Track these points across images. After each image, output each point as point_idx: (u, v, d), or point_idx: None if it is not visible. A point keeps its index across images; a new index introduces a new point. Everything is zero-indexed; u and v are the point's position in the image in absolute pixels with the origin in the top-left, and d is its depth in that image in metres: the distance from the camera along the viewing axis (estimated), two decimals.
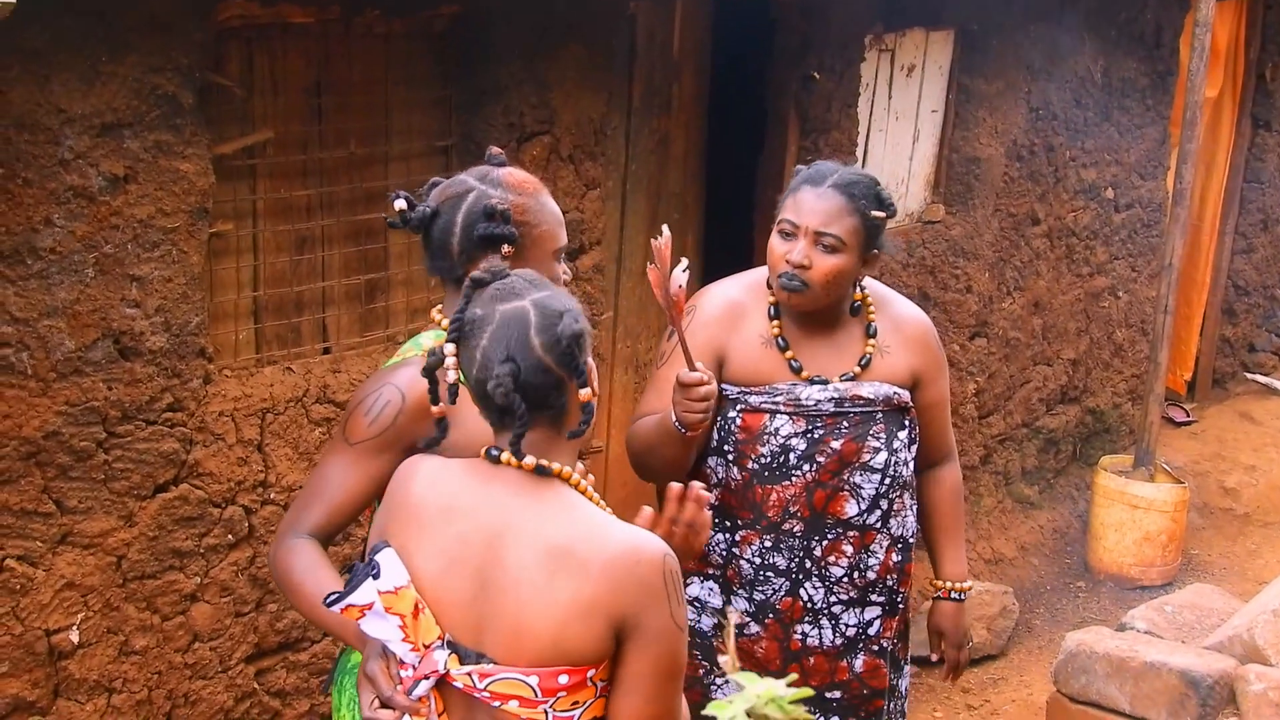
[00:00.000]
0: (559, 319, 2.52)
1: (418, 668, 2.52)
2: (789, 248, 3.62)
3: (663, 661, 2.51)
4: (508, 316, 2.52)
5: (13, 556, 3.64)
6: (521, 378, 2.48)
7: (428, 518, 2.57)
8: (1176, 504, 7.67)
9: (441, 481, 2.61)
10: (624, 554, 2.49)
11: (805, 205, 3.62)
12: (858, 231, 3.61)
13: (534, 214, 3.09)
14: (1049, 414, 8.32)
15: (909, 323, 3.89)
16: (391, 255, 4.65)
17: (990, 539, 7.77)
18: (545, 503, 2.54)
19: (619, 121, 5.32)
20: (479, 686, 2.50)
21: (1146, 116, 8.52)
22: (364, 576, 2.51)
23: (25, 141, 3.44)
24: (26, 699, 3.73)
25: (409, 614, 2.51)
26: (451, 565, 2.53)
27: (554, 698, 2.49)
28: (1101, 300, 8.56)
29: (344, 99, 4.38)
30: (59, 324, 3.58)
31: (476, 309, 2.56)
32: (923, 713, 6.34)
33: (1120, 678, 4.76)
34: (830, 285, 3.63)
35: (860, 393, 3.72)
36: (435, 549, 2.54)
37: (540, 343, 2.50)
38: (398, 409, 2.93)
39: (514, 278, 2.61)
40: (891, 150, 6.77)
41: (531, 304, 2.54)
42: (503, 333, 2.51)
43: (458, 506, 2.56)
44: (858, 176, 3.68)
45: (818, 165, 3.75)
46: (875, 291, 3.88)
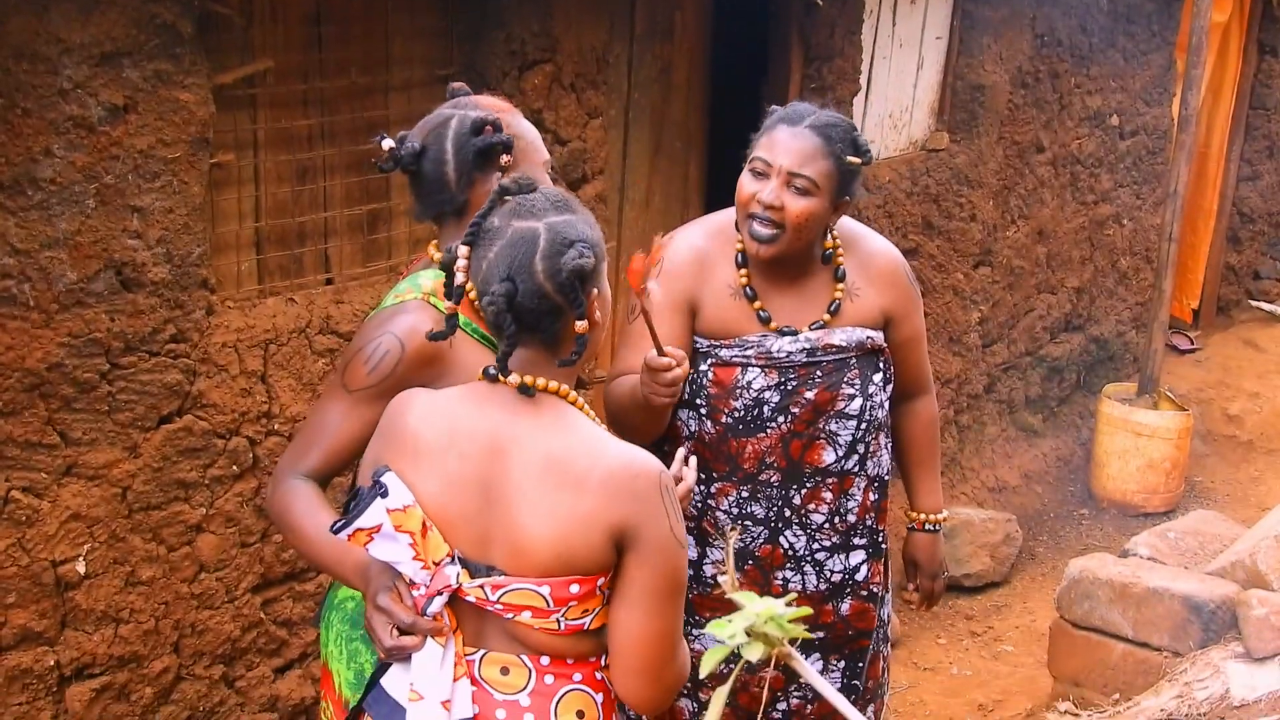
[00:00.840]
0: (566, 248, 2.50)
1: (429, 585, 2.55)
2: (760, 187, 3.49)
3: (662, 575, 2.53)
4: (518, 235, 2.52)
5: (18, 488, 3.65)
6: (517, 299, 2.48)
7: (425, 446, 2.57)
8: (1180, 431, 7.68)
9: (438, 411, 2.61)
10: (621, 467, 2.52)
11: (780, 144, 3.49)
12: (831, 176, 3.48)
13: (517, 127, 3.11)
14: (1053, 342, 8.32)
15: (877, 259, 3.75)
16: (393, 186, 4.63)
17: (994, 467, 7.79)
18: (544, 417, 2.56)
19: (621, 49, 5.29)
20: (492, 599, 2.53)
21: (1152, 43, 8.46)
22: (370, 499, 2.52)
23: (24, 71, 3.42)
24: (34, 629, 3.75)
25: (418, 532, 2.53)
26: (454, 482, 2.55)
27: (565, 607, 2.52)
28: (1106, 228, 8.54)
29: (344, 27, 4.35)
30: (60, 255, 3.58)
31: (494, 219, 2.56)
32: (926, 640, 6.38)
33: (1123, 604, 4.78)
34: (801, 229, 3.49)
35: (832, 341, 3.62)
36: (436, 471, 2.55)
37: (542, 268, 2.49)
38: (397, 358, 2.90)
39: (540, 194, 2.60)
40: (895, 78, 6.73)
41: (545, 226, 2.53)
42: (509, 251, 2.50)
43: (456, 429, 2.57)
44: (835, 119, 3.55)
45: (795, 105, 3.62)
46: (844, 230, 3.74)
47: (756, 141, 3.57)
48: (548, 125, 4.85)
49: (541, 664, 2.60)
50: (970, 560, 6.76)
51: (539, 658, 2.60)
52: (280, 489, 2.92)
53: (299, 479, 2.92)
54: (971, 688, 5.98)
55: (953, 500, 7.33)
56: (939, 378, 7.24)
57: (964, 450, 7.63)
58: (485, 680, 2.60)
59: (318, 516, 2.84)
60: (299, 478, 2.92)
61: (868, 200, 6.45)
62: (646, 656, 2.56)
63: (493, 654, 2.60)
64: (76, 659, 3.86)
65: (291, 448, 2.99)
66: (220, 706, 4.26)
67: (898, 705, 5.78)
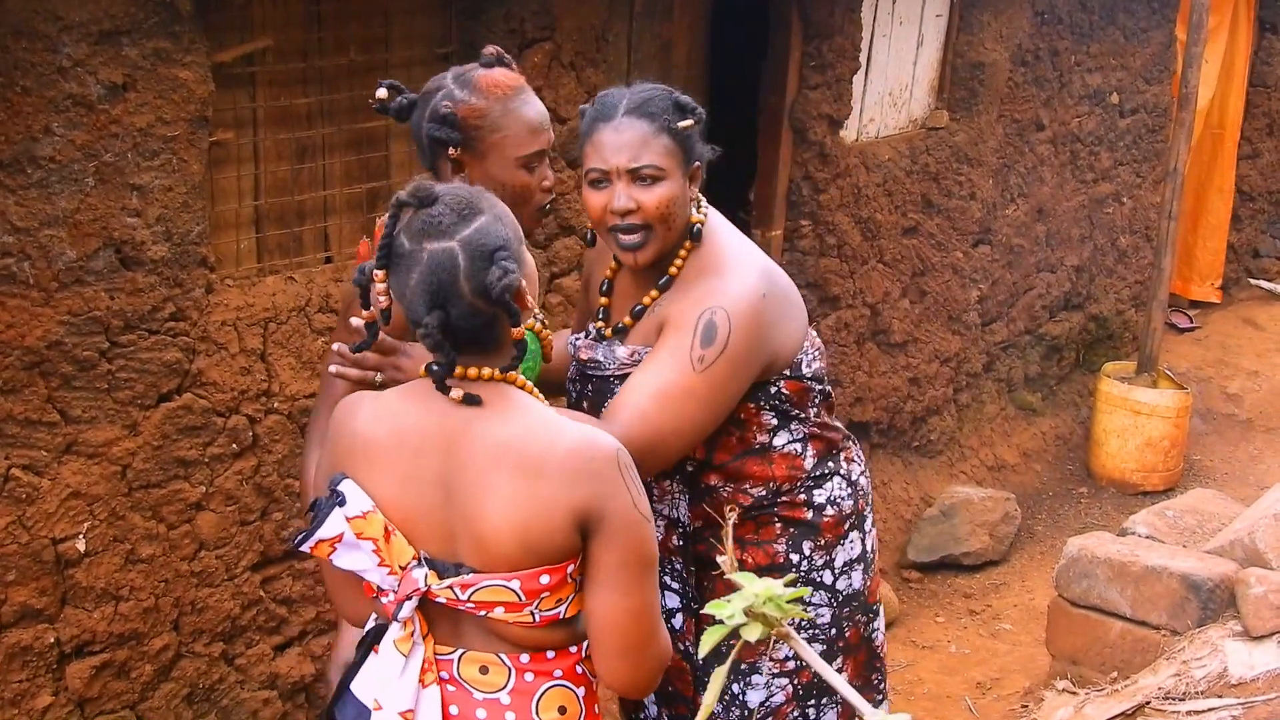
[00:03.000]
0: (488, 265, 2.43)
1: (398, 590, 2.51)
2: (606, 197, 3.13)
3: (631, 551, 2.50)
4: (435, 260, 2.43)
5: (18, 466, 3.65)
6: (451, 323, 2.44)
7: (378, 449, 2.54)
8: (1179, 410, 7.69)
9: (384, 413, 2.57)
10: (578, 448, 2.48)
11: (607, 145, 3.13)
12: (671, 151, 3.14)
13: (495, 119, 3.08)
14: (1052, 320, 8.32)
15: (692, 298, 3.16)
16: (393, 164, 4.62)
17: (993, 445, 7.80)
18: (494, 405, 2.51)
19: (620, 27, 5.28)
20: (462, 598, 2.50)
21: (1152, 20, 8.45)
22: (329, 508, 2.48)
23: (23, 49, 3.42)
24: (34, 607, 3.76)
25: (380, 538, 2.49)
26: (411, 482, 2.51)
27: (538, 599, 2.50)
28: (1105, 206, 8.53)
29: (344, 5, 4.34)
30: (60, 233, 3.58)
31: (404, 240, 2.47)
32: (925, 618, 6.40)
33: (1121, 582, 4.78)
34: (667, 219, 3.13)
35: (593, 354, 3.31)
36: (392, 473, 2.52)
37: (469, 288, 2.43)
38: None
39: (442, 206, 2.48)
40: (895, 55, 6.72)
41: (460, 245, 2.44)
42: (429, 278, 2.43)
43: (406, 427, 2.53)
44: (648, 93, 3.19)
45: (601, 98, 3.24)
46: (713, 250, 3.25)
47: (581, 152, 3.23)
48: (547, 103, 4.83)
49: (521, 662, 2.58)
50: (969, 539, 6.77)
51: (518, 655, 2.58)
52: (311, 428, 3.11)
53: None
54: (970, 666, 6.00)
55: (952, 479, 7.35)
56: (938, 356, 7.25)
57: (962, 429, 7.64)
58: (465, 680, 2.58)
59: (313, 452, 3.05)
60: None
61: (867, 179, 6.45)
62: (627, 636, 2.53)
63: (471, 653, 2.58)
64: (76, 636, 3.87)
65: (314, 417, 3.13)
66: (220, 684, 4.27)
67: (896, 683, 5.79)
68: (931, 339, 7.20)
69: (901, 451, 7.22)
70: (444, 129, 3.05)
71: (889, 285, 6.81)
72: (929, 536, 6.81)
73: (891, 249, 6.76)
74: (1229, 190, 9.67)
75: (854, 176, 6.40)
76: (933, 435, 7.36)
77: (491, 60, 3.17)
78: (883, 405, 6.95)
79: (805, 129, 6.09)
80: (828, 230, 6.33)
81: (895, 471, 7.15)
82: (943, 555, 6.77)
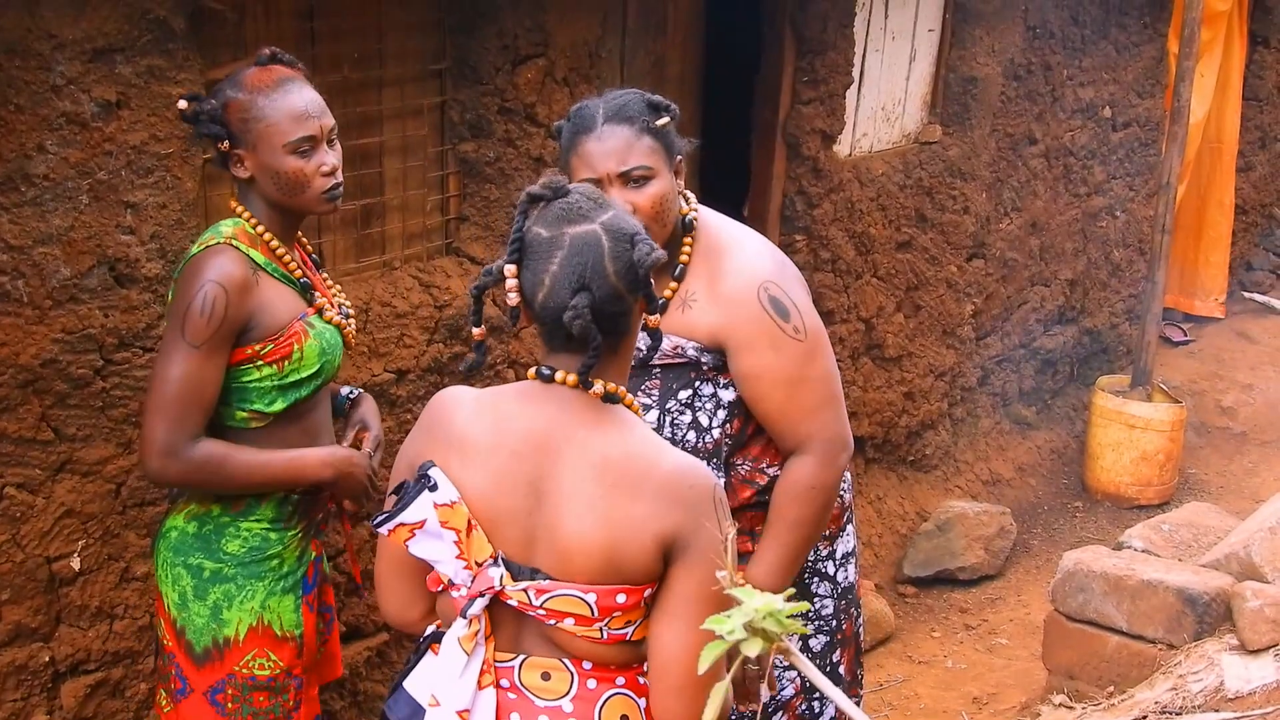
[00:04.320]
0: (631, 244, 2.47)
1: (471, 586, 2.50)
2: None
3: (705, 587, 2.46)
4: (579, 241, 2.46)
5: (12, 484, 3.64)
6: (597, 306, 2.44)
7: (474, 445, 2.53)
8: (1174, 423, 7.69)
9: (488, 409, 2.57)
10: (677, 474, 2.48)
11: (594, 154, 3.25)
12: (655, 150, 3.26)
13: (256, 110, 3.25)
14: (1046, 334, 8.32)
15: (729, 278, 3.36)
16: (387, 180, 4.62)
17: (988, 459, 7.80)
18: (601, 420, 2.51)
19: (614, 43, 5.28)
20: (535, 603, 2.49)
21: (1144, 34, 8.46)
22: (416, 492, 2.48)
23: (16, 67, 3.42)
24: (29, 625, 3.75)
25: (463, 530, 2.49)
26: (502, 481, 2.51)
27: (609, 616, 2.48)
28: (1099, 220, 8.54)
29: (337, 22, 4.34)
30: (54, 251, 3.57)
31: (540, 229, 2.49)
32: (920, 633, 6.39)
33: (1117, 596, 4.78)
34: (661, 215, 3.26)
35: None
36: (485, 468, 2.51)
37: (613, 269, 2.45)
38: (225, 301, 3.18)
39: (577, 195, 2.54)
40: (888, 70, 6.73)
41: (602, 227, 2.48)
42: (574, 259, 2.44)
43: (507, 427, 2.53)
44: (621, 99, 3.32)
45: (577, 112, 3.35)
46: (710, 235, 3.44)
47: (568, 164, 3.32)
48: (540, 120, 4.85)
49: (584, 668, 2.56)
50: (964, 553, 6.77)
51: (581, 662, 2.56)
52: (191, 455, 3.22)
53: (199, 440, 3.24)
54: (966, 681, 5.99)
55: (947, 494, 7.35)
56: (932, 370, 7.25)
57: (957, 443, 7.64)
58: (526, 686, 2.56)
59: (245, 449, 3.29)
60: (197, 440, 3.24)
61: (860, 193, 6.46)
62: (690, 673, 2.46)
63: (533, 659, 2.56)
64: (71, 655, 3.86)
65: (164, 416, 3.21)
66: None
67: (892, 699, 5.79)
68: (926, 353, 7.20)
69: (896, 466, 7.21)
70: (210, 125, 3.26)
71: (883, 300, 6.81)
72: (924, 551, 6.81)
73: (885, 263, 6.77)
74: (1229, 204, 9.67)
75: (847, 191, 6.40)
76: (928, 450, 7.36)
77: (264, 59, 3.35)
78: (877, 420, 6.95)
79: (799, 144, 6.09)
80: (821, 245, 6.33)
81: (890, 486, 7.14)
82: (938, 570, 6.77)
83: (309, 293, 3.42)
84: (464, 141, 4.75)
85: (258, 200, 3.35)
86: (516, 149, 4.80)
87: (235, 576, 3.38)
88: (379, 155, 4.57)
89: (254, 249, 3.30)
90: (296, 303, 3.38)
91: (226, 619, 3.37)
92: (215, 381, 3.24)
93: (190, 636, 3.39)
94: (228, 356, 3.25)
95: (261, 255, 3.30)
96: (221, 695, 3.40)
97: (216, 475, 3.27)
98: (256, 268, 3.28)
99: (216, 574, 3.38)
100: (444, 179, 4.83)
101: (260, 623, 3.39)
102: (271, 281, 3.31)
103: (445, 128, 4.77)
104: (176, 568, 3.40)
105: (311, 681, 3.61)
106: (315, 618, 3.56)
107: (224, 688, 3.39)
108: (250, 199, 3.36)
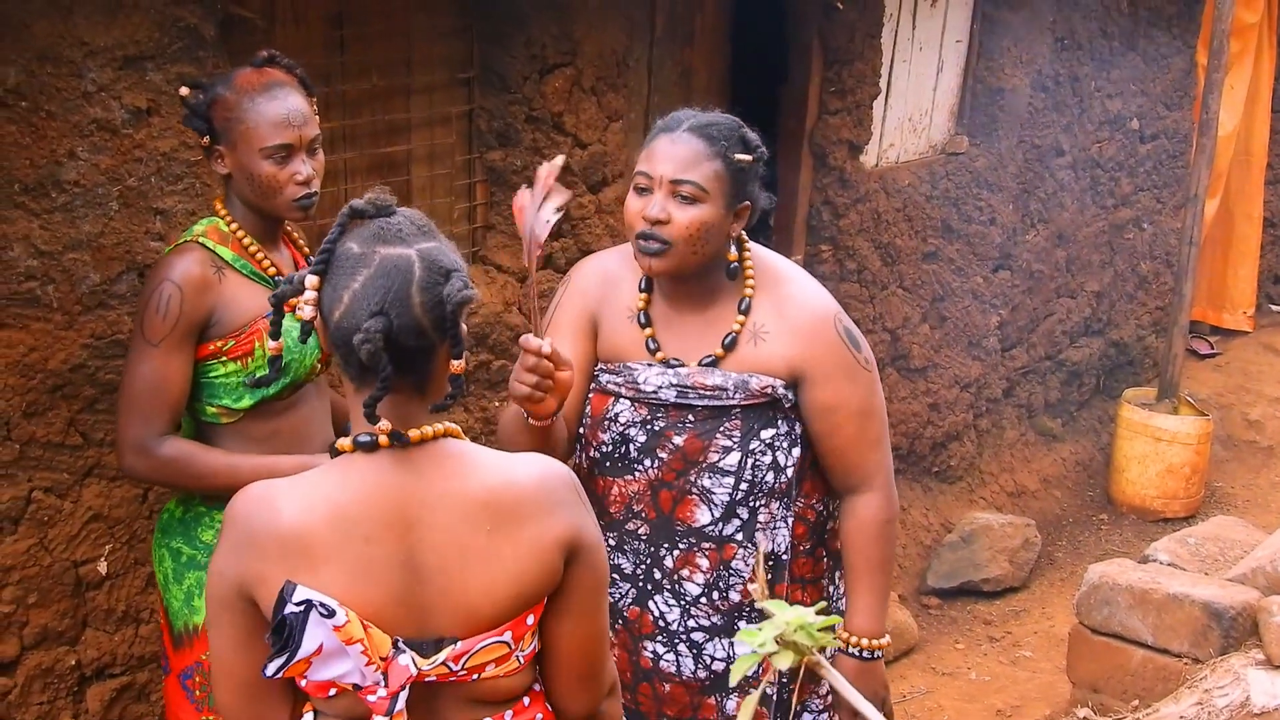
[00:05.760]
0: (445, 278, 2.26)
1: (387, 683, 2.28)
2: (645, 203, 3.14)
3: (599, 574, 2.43)
4: (389, 263, 2.24)
5: (40, 488, 3.66)
6: (393, 335, 2.21)
7: (317, 542, 2.26)
8: (1200, 436, 7.66)
9: (315, 499, 2.29)
10: (541, 482, 2.37)
11: (659, 153, 3.15)
12: (720, 177, 3.13)
13: (240, 111, 3.28)
14: (1072, 346, 8.30)
15: (799, 305, 3.29)
16: (414, 188, 4.64)
17: (1013, 471, 7.78)
18: (444, 465, 2.33)
19: (641, 52, 5.29)
20: (455, 669, 2.32)
21: (1173, 46, 8.44)
22: (302, 625, 2.21)
23: (48, 74, 3.44)
24: (55, 629, 3.76)
25: (364, 636, 2.25)
26: (368, 574, 2.26)
27: (520, 640, 2.37)
28: (1126, 232, 8.52)
29: (366, 30, 4.36)
30: (84, 257, 3.59)
31: (351, 244, 2.28)
32: (944, 645, 6.37)
33: (1143, 609, 4.77)
34: (694, 241, 3.13)
35: (708, 381, 3.23)
36: (344, 566, 2.26)
37: (419, 300, 2.23)
38: (179, 299, 3.25)
39: (401, 217, 2.32)
40: (915, 81, 6.73)
41: (418, 254, 2.26)
42: (380, 281, 2.22)
43: (349, 514, 2.28)
44: (717, 118, 3.21)
45: (675, 113, 3.25)
46: (765, 265, 3.34)
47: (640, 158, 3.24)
48: (568, 128, 4.86)
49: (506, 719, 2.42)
50: (989, 565, 6.75)
51: (503, 715, 2.42)
52: (155, 456, 3.29)
53: (165, 438, 3.30)
54: (990, 693, 5.97)
55: (971, 505, 7.33)
56: (958, 381, 7.23)
57: (983, 455, 7.62)
58: None
59: (215, 451, 3.35)
60: (164, 438, 3.30)
61: (887, 204, 6.45)
62: (593, 662, 2.47)
63: None
64: (97, 659, 3.87)
65: (132, 415, 3.29)
66: None
67: (916, 711, 5.78)
68: (951, 364, 7.19)
69: (921, 477, 7.20)
70: (193, 119, 3.33)
71: (909, 310, 6.80)
72: (949, 563, 6.80)
73: (911, 274, 6.76)
74: (1258, 217, 9.63)
75: (874, 201, 6.40)
76: (953, 461, 7.35)
77: (261, 60, 3.38)
78: (902, 431, 6.94)
79: (825, 154, 6.09)
80: (848, 255, 6.33)
81: (915, 497, 7.13)
82: (962, 581, 6.76)
83: None
84: (491, 150, 4.76)
85: (236, 198, 3.40)
86: (544, 157, 4.81)
87: (207, 565, 3.39)
88: (406, 163, 4.58)
89: (224, 246, 3.35)
90: (264, 300, 3.34)
91: (197, 606, 3.42)
92: (179, 379, 3.30)
93: (170, 617, 3.47)
94: (191, 353, 3.31)
95: (231, 252, 3.35)
96: (191, 681, 3.46)
97: (183, 474, 3.33)
98: (222, 265, 3.33)
99: (192, 560, 3.44)
100: (471, 187, 4.84)
101: None
102: (239, 279, 3.35)
103: (472, 136, 4.78)
104: (162, 549, 3.49)
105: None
106: None
107: (193, 674, 3.45)
108: (230, 196, 3.42)
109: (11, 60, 3.36)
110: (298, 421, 3.50)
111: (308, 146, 3.35)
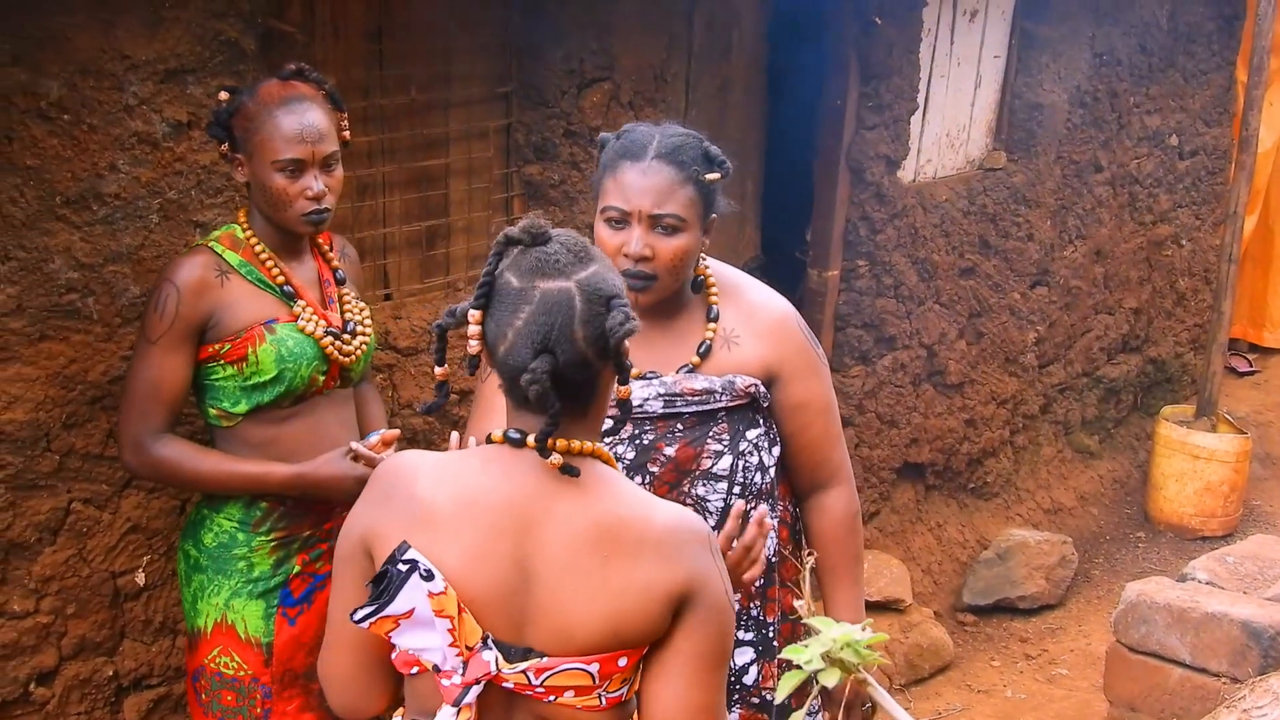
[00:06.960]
0: (606, 309, 2.26)
1: (465, 672, 2.29)
2: (623, 238, 3.09)
3: (714, 641, 2.32)
4: (550, 299, 2.24)
5: (79, 500, 3.67)
6: (559, 370, 2.23)
7: (443, 516, 2.30)
8: (1238, 454, 7.61)
9: (452, 476, 2.35)
10: (673, 527, 2.32)
11: (632, 186, 3.07)
12: (695, 202, 3.10)
13: (257, 121, 3.33)
14: (1110, 363, 8.26)
15: (762, 309, 3.32)
16: (452, 202, 4.65)
17: (1049, 488, 7.74)
18: (582, 483, 2.31)
19: (679, 67, 5.29)
20: (534, 683, 2.29)
21: (1212, 62, 8.40)
22: (401, 582, 2.25)
23: (90, 88, 3.46)
24: (93, 640, 3.78)
25: (456, 616, 2.27)
26: (483, 559, 2.28)
27: (609, 680, 2.31)
28: (1164, 248, 8.48)
29: (405, 44, 4.37)
30: (124, 269, 3.61)
31: (512, 278, 2.28)
32: (980, 662, 6.35)
33: (1181, 628, 4.74)
34: (677, 270, 3.13)
35: (693, 385, 3.20)
36: (461, 547, 2.29)
37: (583, 335, 2.24)
38: (176, 299, 3.30)
39: (557, 245, 2.31)
40: (953, 96, 6.71)
41: (577, 286, 2.26)
42: (542, 318, 2.24)
43: (480, 500, 2.31)
44: (680, 139, 3.14)
45: (630, 134, 3.18)
46: (722, 274, 3.35)
47: (600, 185, 3.16)
48: None
49: None
50: (1025, 582, 6.72)
51: None
52: (155, 450, 3.36)
53: (163, 435, 3.37)
54: (1025, 711, 5.95)
55: (1008, 522, 7.30)
56: (994, 398, 7.21)
57: (1019, 471, 7.59)
58: None
59: (212, 455, 3.41)
60: (163, 434, 3.37)
61: (924, 219, 6.44)
62: None
63: None
64: (134, 669, 3.89)
65: (130, 412, 3.36)
66: None
67: None
68: (988, 380, 7.17)
69: (957, 493, 7.18)
70: (214, 126, 3.39)
71: (945, 326, 6.78)
72: (984, 579, 6.77)
73: (948, 290, 6.74)
74: None
75: (911, 217, 6.38)
76: (989, 477, 7.32)
77: (288, 73, 3.42)
78: (939, 447, 6.91)
79: (862, 169, 6.08)
80: (885, 270, 6.32)
81: (951, 513, 7.10)
82: (998, 599, 6.73)
83: (291, 301, 3.45)
84: (529, 164, 4.77)
85: (254, 206, 3.45)
86: (581, 172, 4.82)
87: (207, 569, 3.49)
88: (444, 177, 4.60)
89: (233, 251, 3.40)
90: (268, 308, 3.42)
91: (200, 609, 3.49)
92: (174, 378, 3.35)
93: (186, 617, 3.56)
94: (191, 354, 3.36)
95: (240, 258, 3.40)
96: (198, 684, 3.51)
97: (179, 474, 3.39)
98: (228, 270, 3.37)
99: (195, 563, 3.50)
100: (509, 201, 4.85)
101: (224, 620, 3.46)
102: (244, 284, 3.39)
103: (510, 150, 4.79)
104: (180, 551, 3.58)
105: (292, 697, 3.53)
106: (298, 633, 3.52)
107: (199, 677, 3.50)
108: (251, 204, 3.47)
109: (54, 74, 3.39)
110: (300, 432, 3.50)
111: (321, 162, 3.37)
